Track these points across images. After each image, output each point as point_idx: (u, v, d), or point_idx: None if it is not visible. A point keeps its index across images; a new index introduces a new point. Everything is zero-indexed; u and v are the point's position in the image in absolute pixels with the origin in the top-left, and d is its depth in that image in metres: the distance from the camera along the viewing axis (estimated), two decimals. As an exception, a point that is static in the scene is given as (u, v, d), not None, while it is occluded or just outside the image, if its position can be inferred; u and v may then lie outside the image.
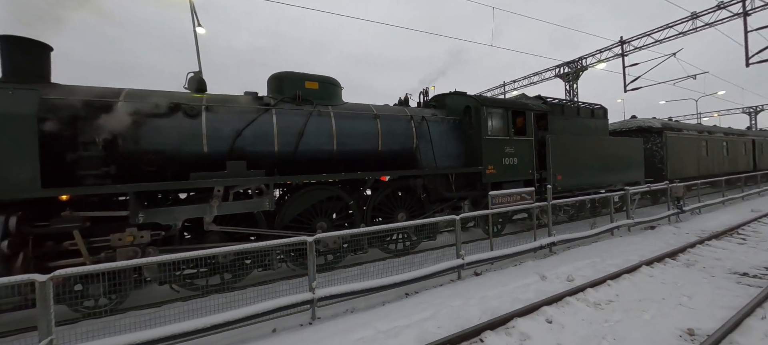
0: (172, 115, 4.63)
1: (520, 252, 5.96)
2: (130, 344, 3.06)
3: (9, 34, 4.17)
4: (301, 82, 5.87)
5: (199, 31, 13.13)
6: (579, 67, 17.65)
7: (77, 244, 3.89)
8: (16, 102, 3.55)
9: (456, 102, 7.67)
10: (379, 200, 6.26)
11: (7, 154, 3.49)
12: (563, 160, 8.24)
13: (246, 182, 4.76)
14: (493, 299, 4.29)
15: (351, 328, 3.74)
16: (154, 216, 4.24)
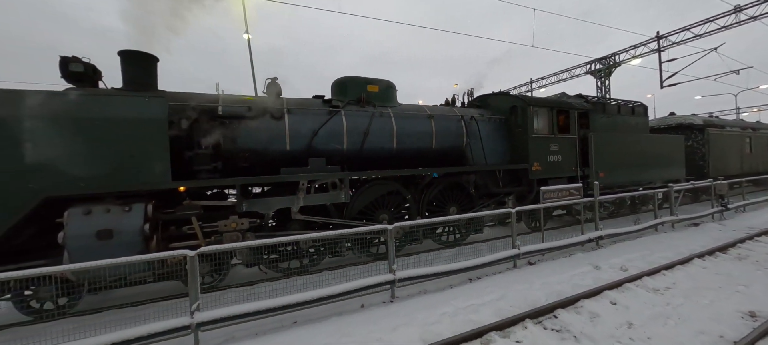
0: (262, 118, 5.25)
1: (570, 245, 6.27)
2: (258, 310, 3.67)
3: (126, 49, 4.90)
4: (364, 85, 6.40)
5: (245, 38, 13.98)
6: (612, 63, 17.44)
7: (194, 229, 4.56)
8: (151, 107, 4.24)
9: (501, 102, 8.01)
10: (433, 194, 6.72)
11: (146, 152, 4.18)
12: (605, 157, 8.43)
13: (325, 177, 5.34)
14: (555, 285, 4.68)
15: (430, 304, 4.23)
16: (254, 205, 4.88)
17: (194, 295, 3.52)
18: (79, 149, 3.89)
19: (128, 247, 3.97)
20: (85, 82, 4.61)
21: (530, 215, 8.16)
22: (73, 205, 3.87)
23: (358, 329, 3.62)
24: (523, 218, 8.37)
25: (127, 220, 3.98)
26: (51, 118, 3.79)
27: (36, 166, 3.71)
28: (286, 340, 3.52)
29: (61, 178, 3.81)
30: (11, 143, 3.64)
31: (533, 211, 7.83)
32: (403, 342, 3.34)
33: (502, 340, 3.31)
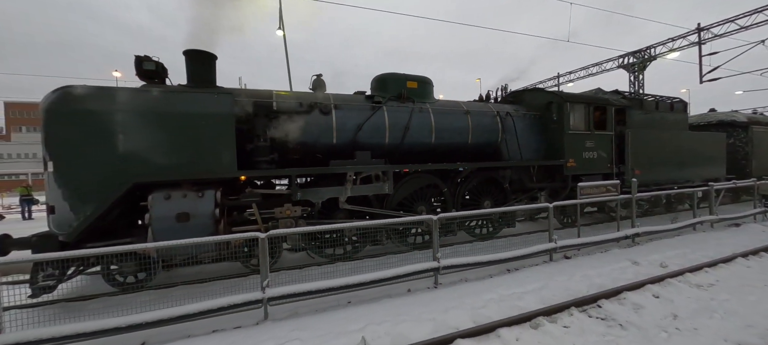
0: (311, 113, 5.60)
1: (606, 240, 6.33)
2: (319, 289, 4.04)
3: (191, 49, 5.32)
4: (404, 81, 6.62)
5: (278, 34, 14.43)
6: (646, 56, 16.80)
7: (254, 215, 4.98)
8: (220, 103, 4.65)
9: (535, 98, 8.05)
10: (469, 188, 6.91)
11: (216, 144, 4.60)
12: (641, 154, 8.33)
13: (370, 169, 5.64)
14: (595, 278, 4.81)
15: (474, 291, 4.47)
16: (307, 195, 5.25)
17: (264, 272, 3.92)
18: (161, 140, 4.35)
19: (202, 229, 4.42)
20: (156, 78, 5.08)
21: (562, 211, 8.21)
22: (156, 191, 4.34)
23: (412, 310, 3.92)
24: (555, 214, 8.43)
25: (201, 204, 4.43)
26: (138, 113, 4.26)
27: (127, 155, 4.20)
28: (346, 317, 3.85)
29: (146, 166, 4.28)
30: (107, 135, 4.12)
31: (566, 207, 7.92)
32: (455, 322, 3.60)
33: (549, 325, 3.52)
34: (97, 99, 4.12)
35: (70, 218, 4.01)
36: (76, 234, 4.03)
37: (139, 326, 3.37)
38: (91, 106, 4.08)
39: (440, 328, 3.47)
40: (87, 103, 4.07)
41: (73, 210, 4.00)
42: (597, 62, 19.27)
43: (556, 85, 22.06)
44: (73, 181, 4.01)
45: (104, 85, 4.28)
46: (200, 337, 3.58)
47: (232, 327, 3.76)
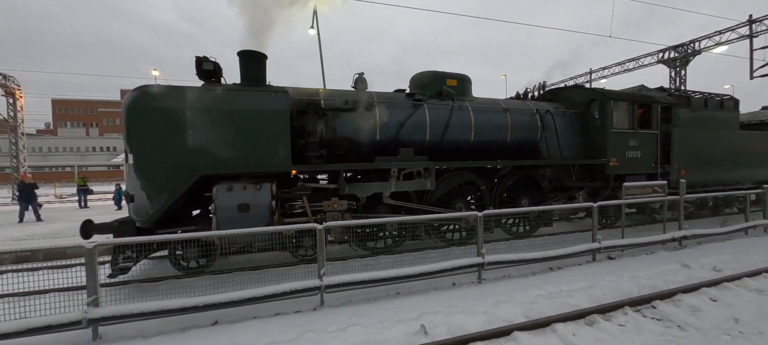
0: (356, 110, 5.78)
1: (651, 242, 6.17)
2: (372, 279, 4.23)
3: (244, 50, 5.62)
4: (443, 79, 6.69)
5: (311, 33, 14.73)
6: (689, 51, 15.91)
7: (304, 207, 5.25)
8: (277, 101, 4.92)
9: (575, 95, 7.89)
10: (507, 186, 6.91)
11: (273, 139, 4.88)
12: (688, 154, 8.00)
13: (414, 165, 5.78)
14: (645, 279, 4.74)
15: (521, 288, 4.53)
16: (353, 189, 5.46)
17: (321, 261, 4.15)
18: (224, 136, 4.67)
19: (260, 219, 4.72)
20: (213, 77, 5.42)
21: (602, 212, 8.02)
22: (219, 183, 4.67)
23: (461, 302, 4.04)
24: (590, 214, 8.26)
25: (260, 196, 4.72)
26: (205, 110, 4.59)
27: (195, 149, 4.54)
28: (398, 306, 4.03)
29: (212, 160, 4.61)
30: (178, 130, 4.48)
31: (606, 208, 7.73)
32: (508, 316, 3.69)
33: (604, 322, 3.54)
34: (170, 97, 4.48)
35: (147, 206, 4.40)
36: (152, 221, 4.42)
37: (213, 306, 3.68)
38: (165, 104, 4.44)
39: (494, 320, 3.57)
40: (161, 101, 4.44)
41: (150, 199, 4.39)
42: (634, 57, 18.44)
43: (588, 81, 21.28)
44: (150, 172, 4.39)
45: (175, 85, 4.64)
46: (265, 318, 3.86)
47: (293, 311, 4.02)
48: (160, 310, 3.54)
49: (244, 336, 3.41)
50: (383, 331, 3.40)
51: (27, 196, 9.75)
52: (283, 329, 3.51)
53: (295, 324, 3.65)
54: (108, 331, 3.58)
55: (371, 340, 3.23)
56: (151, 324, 3.70)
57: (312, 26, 14.14)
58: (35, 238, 7.97)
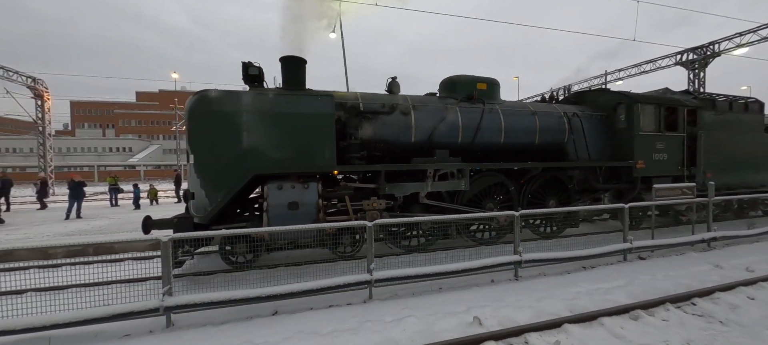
0: (392, 113, 6.02)
1: (681, 243, 6.27)
2: (417, 274, 4.45)
3: (286, 56, 5.90)
4: (474, 83, 6.89)
5: (331, 36, 15.01)
6: (709, 53, 15.82)
7: (346, 206, 5.49)
8: (323, 104, 5.18)
9: (600, 98, 8.02)
10: (534, 187, 7.07)
11: (320, 141, 5.14)
12: (714, 157, 8.06)
13: (448, 166, 5.99)
14: (679, 278, 4.87)
15: (558, 285, 4.70)
16: (392, 189, 5.69)
17: (370, 257, 4.38)
18: (275, 137, 4.94)
19: (307, 217, 4.98)
20: (256, 82, 5.71)
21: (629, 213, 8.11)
22: (269, 182, 4.94)
23: (505, 297, 4.23)
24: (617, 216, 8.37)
25: (308, 195, 4.98)
26: (257, 112, 4.87)
27: (249, 150, 4.83)
28: (445, 300, 4.23)
29: (263, 160, 4.89)
30: (234, 131, 4.77)
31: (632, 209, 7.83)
32: (553, 310, 3.87)
33: (648, 317, 3.70)
34: (226, 101, 4.78)
35: (206, 203, 4.69)
36: (209, 217, 4.71)
37: (274, 297, 3.94)
38: (222, 108, 4.73)
39: (541, 314, 3.75)
40: (218, 104, 4.73)
41: (208, 196, 4.68)
42: (651, 59, 18.37)
43: (604, 83, 21.22)
44: (209, 171, 4.68)
45: (231, 89, 4.93)
46: (320, 310, 4.10)
47: (345, 304, 4.25)
48: (227, 300, 3.80)
49: (307, 324, 3.65)
50: (437, 322, 3.61)
51: (76, 193, 10.24)
52: (342, 319, 3.75)
53: (351, 315, 3.88)
54: (179, 319, 3.86)
55: (429, 329, 3.44)
56: (217, 313, 3.97)
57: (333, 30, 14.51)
58: (81, 233, 8.37)
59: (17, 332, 3.30)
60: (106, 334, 3.61)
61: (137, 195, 12.85)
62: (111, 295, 3.87)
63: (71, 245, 5.39)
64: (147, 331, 3.68)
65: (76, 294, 3.79)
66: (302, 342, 3.25)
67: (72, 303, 3.67)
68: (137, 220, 9.98)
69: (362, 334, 3.37)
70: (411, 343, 3.21)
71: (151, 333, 3.65)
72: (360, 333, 3.40)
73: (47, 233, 8.33)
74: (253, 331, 3.57)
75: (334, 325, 3.57)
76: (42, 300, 3.73)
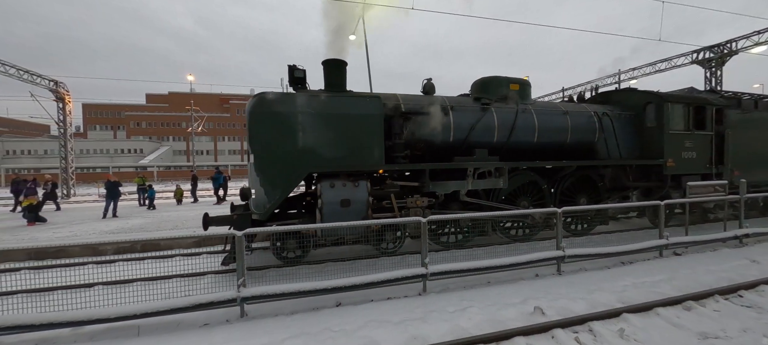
0: (432, 113, 6.21)
1: (714, 240, 6.40)
2: (468, 268, 4.64)
3: (329, 59, 6.11)
4: (507, 84, 7.07)
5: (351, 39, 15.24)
6: (726, 51, 15.81)
7: (392, 203, 5.70)
8: (372, 105, 5.39)
9: (628, 98, 8.16)
10: (566, 186, 7.23)
11: (369, 141, 5.35)
12: (741, 155, 8.15)
13: (488, 165, 6.18)
14: (720, 272, 5.01)
15: (602, 279, 4.87)
16: (436, 187, 5.89)
17: (424, 252, 4.58)
18: (328, 137, 5.16)
19: (358, 213, 5.19)
20: (299, 84, 5.93)
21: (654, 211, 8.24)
22: (323, 180, 5.16)
23: (556, 290, 4.41)
24: (646, 213, 8.50)
25: (358, 193, 5.20)
26: (311, 113, 5.10)
27: (304, 149, 5.05)
28: (498, 292, 4.42)
29: (317, 159, 5.11)
30: (290, 132, 5.00)
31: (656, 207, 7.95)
32: (605, 301, 4.04)
33: (700, 308, 3.87)
34: (283, 102, 5.01)
35: (264, 201, 4.93)
36: (268, 214, 4.94)
37: (339, 289, 4.15)
38: (279, 109, 4.97)
39: (595, 305, 3.93)
40: (276, 106, 4.96)
41: (267, 194, 4.91)
42: (666, 58, 18.37)
43: (617, 82, 21.24)
44: (268, 170, 4.92)
45: (286, 92, 5.16)
46: (380, 301, 4.31)
47: (402, 296, 4.46)
48: (297, 291, 4.02)
49: (374, 314, 3.85)
50: (499, 312, 3.80)
51: (112, 193, 10.57)
52: (407, 309, 3.96)
53: (413, 305, 4.08)
54: (251, 309, 4.09)
55: (493, 318, 3.63)
56: (284, 304, 4.19)
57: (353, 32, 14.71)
58: (125, 231, 8.65)
59: (111, 321, 3.55)
60: (186, 323, 3.84)
61: (152, 196, 13.11)
62: (173, 288, 4.10)
63: (133, 241, 5.63)
64: (223, 320, 3.91)
65: (141, 288, 4.06)
66: (377, 330, 3.46)
67: (137, 296, 3.90)
68: (173, 218, 10.28)
69: (431, 323, 3.57)
70: (479, 330, 3.40)
71: (228, 322, 3.88)
72: (429, 321, 3.60)
73: (93, 231, 8.64)
74: (325, 320, 3.78)
75: (402, 315, 3.78)
76: (112, 292, 4.01)
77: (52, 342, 3.54)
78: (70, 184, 21.74)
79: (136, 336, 3.61)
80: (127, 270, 5.07)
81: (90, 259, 6.21)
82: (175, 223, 9.37)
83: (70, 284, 4.39)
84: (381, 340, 3.25)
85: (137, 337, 3.60)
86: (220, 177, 14.62)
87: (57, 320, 3.44)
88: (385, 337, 3.30)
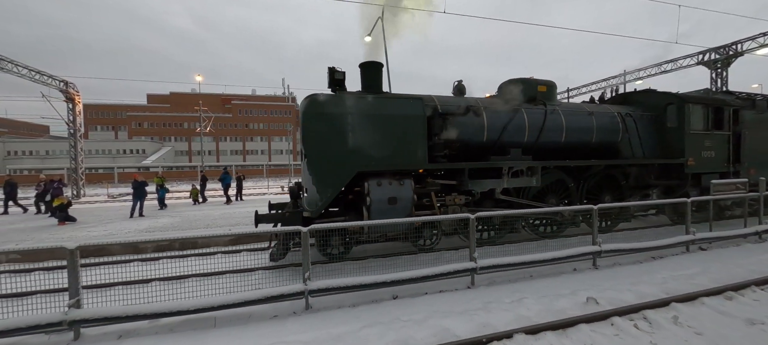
0: (467, 114, 6.43)
1: (736, 235, 6.66)
2: (512, 263, 4.86)
3: (366, 61, 6.31)
4: (535, 86, 7.30)
5: (366, 40, 15.40)
6: (731, 53, 16.17)
7: (432, 201, 5.92)
8: (416, 107, 5.60)
9: (648, 99, 8.42)
10: (591, 184, 7.47)
11: (413, 141, 5.56)
12: (756, 154, 8.44)
13: (521, 164, 6.41)
14: (749, 265, 5.27)
15: (640, 273, 5.10)
16: (474, 185, 6.11)
17: (473, 247, 4.80)
18: (375, 137, 5.36)
19: (404, 211, 5.40)
20: (338, 86, 6.13)
21: (674, 209, 8.52)
22: (370, 179, 5.37)
23: (599, 283, 4.64)
24: (665, 211, 8.78)
25: (404, 191, 5.41)
26: (359, 114, 5.30)
27: (354, 148, 5.25)
28: (543, 285, 4.64)
29: (365, 158, 5.32)
30: (341, 132, 5.20)
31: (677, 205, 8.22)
32: (650, 292, 4.27)
33: (740, 297, 4.11)
34: (334, 104, 5.21)
35: (316, 198, 5.12)
36: (319, 211, 5.14)
37: (397, 282, 4.36)
38: (330, 110, 5.17)
39: (642, 296, 4.16)
40: (328, 107, 5.16)
41: (319, 192, 5.11)
42: (672, 59, 18.71)
43: (623, 82, 21.58)
44: (321, 169, 5.11)
45: (336, 93, 5.36)
46: (433, 294, 4.52)
47: (452, 289, 4.67)
48: (358, 285, 4.23)
49: (434, 306, 4.06)
50: (554, 302, 4.02)
51: (139, 193, 10.69)
52: (464, 301, 4.17)
53: (469, 297, 4.30)
54: (314, 302, 4.29)
55: (550, 308, 3.86)
56: (345, 297, 4.39)
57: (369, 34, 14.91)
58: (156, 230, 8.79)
59: (190, 312, 3.73)
60: (256, 316, 4.03)
61: (162, 195, 13.15)
62: (224, 285, 4.31)
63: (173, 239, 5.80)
64: (290, 312, 4.11)
65: (196, 284, 4.25)
66: (445, 319, 3.66)
67: (196, 291, 4.09)
68: (199, 217, 10.41)
69: (494, 312, 3.79)
70: (542, 318, 3.62)
71: (295, 314, 4.07)
72: (491, 311, 3.82)
73: (128, 229, 8.79)
74: (389, 311, 3.98)
75: (462, 306, 3.99)
76: (170, 287, 4.21)
77: (133, 334, 3.72)
78: (80, 184, 21.78)
79: (213, 327, 3.79)
80: (179, 267, 5.25)
81: (151, 256, 6.38)
82: (205, 222, 9.53)
83: (143, 278, 4.56)
84: (452, 327, 3.46)
85: (214, 328, 3.79)
86: (227, 177, 14.68)
87: (141, 312, 3.62)
88: (456, 325, 3.51)
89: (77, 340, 3.60)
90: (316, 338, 3.37)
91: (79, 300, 3.60)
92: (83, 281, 3.72)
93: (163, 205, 13.19)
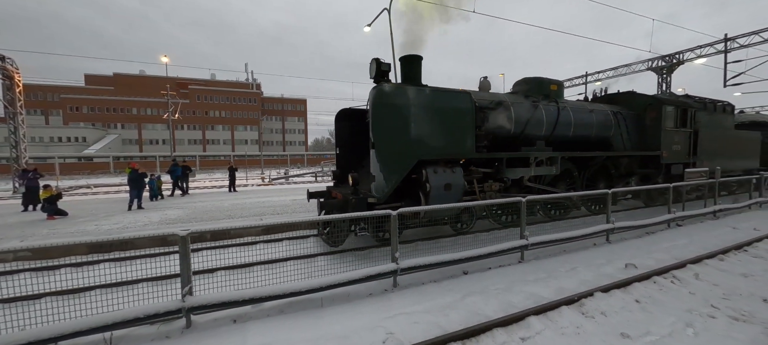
0: (497, 108, 7.09)
1: (702, 214, 8.21)
2: (550, 240, 5.65)
3: (406, 55, 6.66)
4: (548, 85, 8.19)
5: (366, 30, 15.49)
6: (675, 61, 18.93)
7: (474, 187, 6.52)
8: (465, 100, 6.11)
9: (632, 99, 9.81)
10: (591, 173, 8.63)
11: (464, 132, 6.07)
12: (707, 148, 10.28)
13: (545, 155, 7.25)
14: (722, 236, 6.64)
15: (650, 243, 6.20)
16: (508, 173, 6.81)
17: (523, 226, 5.49)
18: (433, 128, 5.78)
19: (456, 196, 5.93)
20: (382, 77, 6.43)
21: (648, 194, 10.08)
22: (427, 167, 5.80)
23: (621, 253, 5.61)
24: (642, 196, 10.36)
25: (456, 177, 5.92)
26: (420, 106, 5.67)
27: (416, 138, 5.62)
28: (579, 258, 5.48)
29: (425, 148, 5.72)
30: (405, 122, 5.53)
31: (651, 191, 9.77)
32: (665, 258, 5.30)
33: (729, 259, 5.29)
34: (398, 95, 5.52)
35: (383, 185, 5.44)
36: (385, 198, 5.47)
37: (464, 260, 4.89)
38: (396, 101, 5.47)
39: (662, 261, 5.16)
40: (394, 98, 5.46)
41: (386, 179, 5.43)
42: (626, 63, 21.33)
43: (585, 82, 24.07)
44: (388, 157, 5.42)
45: (400, 84, 5.68)
46: (495, 269, 5.13)
47: (507, 264, 5.33)
48: (437, 262, 4.69)
49: (508, 278, 4.66)
50: (599, 269, 4.85)
51: (138, 184, 9.84)
52: (528, 272, 4.84)
53: (527, 270, 4.97)
54: (400, 280, 4.66)
55: (600, 274, 4.67)
56: (422, 275, 4.83)
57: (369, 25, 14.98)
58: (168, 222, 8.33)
59: (302, 294, 3.92)
60: (354, 295, 4.31)
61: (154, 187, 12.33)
62: (287, 273, 4.55)
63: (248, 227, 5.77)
64: (382, 290, 4.45)
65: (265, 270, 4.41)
66: (526, 287, 4.28)
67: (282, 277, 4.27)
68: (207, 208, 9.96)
69: (563, 279, 4.50)
70: (598, 282, 4.40)
71: (386, 291, 4.43)
72: (560, 278, 4.52)
73: (138, 223, 8.20)
74: (470, 285, 4.51)
75: (533, 276, 4.66)
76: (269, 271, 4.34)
77: (245, 318, 3.82)
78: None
79: (321, 307, 4.02)
80: (247, 254, 5.27)
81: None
82: (211, 214, 9.20)
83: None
84: (537, 292, 4.10)
85: (321, 307, 4.02)
86: (177, 169, 13.84)
87: (252, 296, 3.74)
88: (538, 290, 4.15)
89: (189, 327, 3.63)
90: (430, 308, 3.79)
91: (191, 287, 3.62)
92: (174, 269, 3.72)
93: (156, 197, 12.29)
